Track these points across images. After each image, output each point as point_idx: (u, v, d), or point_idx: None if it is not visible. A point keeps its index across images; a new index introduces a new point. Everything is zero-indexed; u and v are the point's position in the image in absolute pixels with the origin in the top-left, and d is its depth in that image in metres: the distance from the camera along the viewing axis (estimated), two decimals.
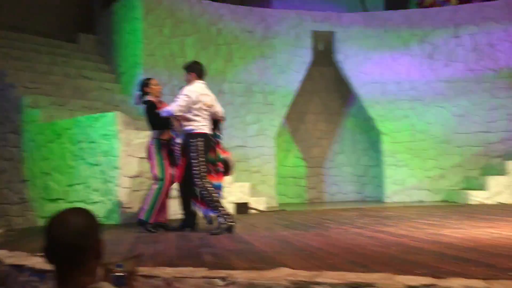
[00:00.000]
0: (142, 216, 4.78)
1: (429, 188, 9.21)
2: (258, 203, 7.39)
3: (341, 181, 10.27)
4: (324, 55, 9.72)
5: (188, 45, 8.54)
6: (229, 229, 4.35)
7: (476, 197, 8.00)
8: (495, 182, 8.01)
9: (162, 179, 4.78)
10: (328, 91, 10.43)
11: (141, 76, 7.97)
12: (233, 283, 2.36)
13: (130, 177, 5.98)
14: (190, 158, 4.53)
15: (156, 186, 4.80)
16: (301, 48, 9.25)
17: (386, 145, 9.42)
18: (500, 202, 7.86)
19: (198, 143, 4.51)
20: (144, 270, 2.56)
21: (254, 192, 8.05)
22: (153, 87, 5.07)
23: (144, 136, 6.08)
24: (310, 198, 10.17)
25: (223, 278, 2.39)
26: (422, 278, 2.23)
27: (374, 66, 9.46)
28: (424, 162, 9.24)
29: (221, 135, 4.92)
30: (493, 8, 9.25)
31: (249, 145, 8.75)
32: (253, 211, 7.14)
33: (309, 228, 4.82)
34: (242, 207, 6.92)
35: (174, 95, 7.33)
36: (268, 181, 8.88)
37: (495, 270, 2.43)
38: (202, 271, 2.49)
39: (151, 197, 4.78)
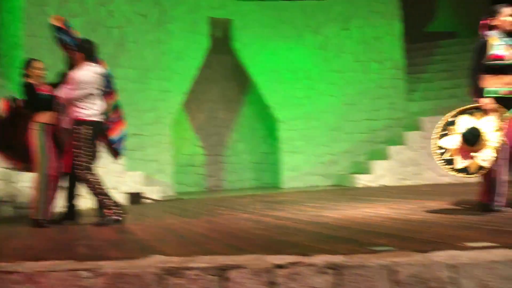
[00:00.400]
0: (38, 216, 4.29)
1: (322, 173, 9.67)
2: (152, 193, 7.22)
3: (240, 169, 10.40)
4: (221, 43, 9.71)
5: (75, 27, 8.00)
6: (117, 221, 4.18)
7: (362, 180, 8.56)
8: (378, 166, 8.63)
9: (43, 167, 4.33)
10: (226, 79, 10.45)
11: (22, 58, 7.35)
12: (101, 274, 2.26)
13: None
14: (74, 147, 4.26)
15: (37, 176, 4.34)
16: (198, 34, 9.14)
17: (283, 132, 9.71)
18: (383, 185, 8.48)
19: (84, 131, 4.24)
20: (2, 265, 2.36)
21: (149, 181, 7.86)
22: (34, 70, 4.65)
23: None
24: (209, 186, 10.18)
25: (89, 270, 2.27)
26: (289, 257, 2.30)
27: (271, 55, 9.66)
28: (317, 149, 9.68)
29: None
30: (380, 3, 9.88)
31: (144, 133, 8.50)
32: (147, 201, 6.97)
33: (199, 215, 4.81)
34: (135, 197, 6.71)
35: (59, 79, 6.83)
36: (165, 170, 8.72)
37: (358, 245, 2.58)
38: (67, 264, 2.35)
39: (38, 192, 4.31)
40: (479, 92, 3.82)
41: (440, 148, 3.81)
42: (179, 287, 2.22)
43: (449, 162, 3.75)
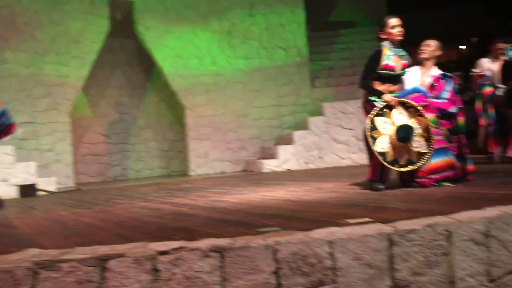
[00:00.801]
0: None
1: (230, 159, 9.72)
2: (48, 184, 6.79)
3: (147, 157, 10.14)
4: (123, 26, 9.32)
5: None
6: None
7: (269, 165, 8.74)
8: (284, 151, 8.86)
9: None
10: (130, 64, 10.07)
11: None
12: None
13: None
14: None
15: None
16: (97, 16, 8.66)
17: (190, 119, 9.59)
18: (288, 169, 8.73)
19: None
20: None
21: (44, 172, 7.38)
22: None
23: None
24: (114, 176, 9.80)
25: None
26: (173, 242, 2.26)
27: (176, 40, 9.46)
28: (225, 135, 9.70)
29: None
30: None
31: (38, 121, 7.94)
32: (42, 193, 6.54)
33: (94, 205, 4.59)
34: (28, 190, 6.27)
35: None
36: (63, 160, 8.23)
37: (247, 228, 2.61)
38: None
39: None
40: (378, 93, 4.03)
41: (373, 125, 3.92)
42: (54, 280, 2.09)
43: (374, 141, 3.91)
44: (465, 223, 2.35)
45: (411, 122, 3.93)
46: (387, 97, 3.98)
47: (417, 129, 3.93)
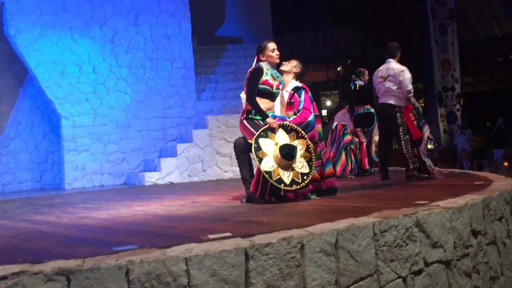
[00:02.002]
0: None
1: (110, 172, 9.30)
2: None
3: (17, 169, 9.30)
4: None
5: None
6: None
7: (151, 178, 8.53)
8: (166, 164, 8.71)
9: None
10: (0, 68, 9.21)
11: None
12: None
13: None
14: None
15: None
16: None
17: (67, 129, 9.02)
18: (170, 182, 8.59)
19: None
20: None
21: None
22: None
23: None
24: None
25: None
26: (14, 266, 2.05)
27: (52, 45, 8.87)
28: (105, 147, 9.27)
29: None
30: (169, 2, 9.97)
31: None
32: None
33: None
34: None
35: None
36: None
37: (104, 247, 2.49)
38: None
39: None
40: (263, 114, 4.14)
41: (257, 145, 3.96)
42: None
43: (260, 160, 3.93)
44: (317, 235, 2.49)
45: (293, 143, 4.07)
46: (270, 120, 4.10)
47: (300, 150, 4.07)
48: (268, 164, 3.95)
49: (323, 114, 18.05)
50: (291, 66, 4.46)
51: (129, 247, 2.39)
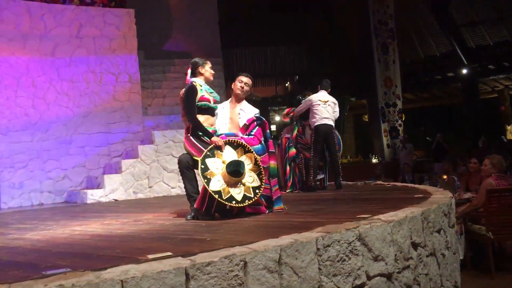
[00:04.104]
0: None
1: (50, 189, 8.89)
2: None
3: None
4: None
5: None
6: None
7: (93, 196, 8.21)
8: (111, 180, 8.42)
9: None
10: None
11: None
12: None
13: None
14: None
15: None
16: None
17: (3, 145, 8.55)
18: (114, 199, 8.31)
19: None
20: None
21: None
22: None
23: None
24: None
25: None
26: None
27: None
28: (45, 163, 8.86)
29: None
30: (114, 15, 9.76)
31: None
32: None
33: None
34: None
35: None
36: None
37: (35, 270, 2.33)
38: None
39: None
40: (207, 133, 4.08)
41: (204, 166, 3.87)
42: None
43: (208, 181, 3.83)
44: (260, 252, 2.44)
45: (241, 159, 4.02)
46: (215, 139, 4.04)
47: (248, 165, 4.02)
48: (217, 184, 3.87)
49: (272, 129, 18.26)
50: (246, 90, 4.43)
51: (60, 271, 2.25)
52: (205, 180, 3.86)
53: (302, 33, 15.11)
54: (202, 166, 3.92)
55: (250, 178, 3.99)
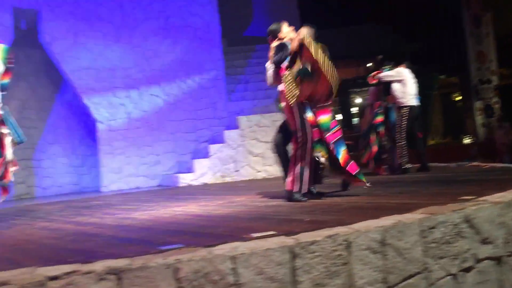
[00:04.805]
0: None
1: (145, 174, 9.44)
2: None
3: (56, 173, 9.55)
4: (28, 35, 8.78)
5: None
6: None
7: (185, 179, 8.61)
8: (200, 165, 8.77)
9: None
10: (37, 76, 9.48)
11: None
12: None
13: None
14: None
15: None
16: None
17: (102, 133, 9.21)
18: (204, 183, 8.66)
19: None
20: None
21: None
22: None
23: None
24: (18, 194, 9.09)
25: None
26: (66, 266, 2.11)
27: (86, 51, 9.08)
28: (140, 149, 9.42)
29: None
30: (198, 5, 10.05)
31: None
32: None
33: None
34: None
35: None
36: None
37: (150, 246, 2.52)
38: None
39: None
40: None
41: None
42: None
43: None
44: (363, 233, 2.45)
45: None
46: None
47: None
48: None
49: (353, 112, 17.88)
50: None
51: (175, 246, 2.41)
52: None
53: (386, 10, 14.52)
54: None
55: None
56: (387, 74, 6.69)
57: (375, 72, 6.99)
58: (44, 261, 2.37)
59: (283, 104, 4.19)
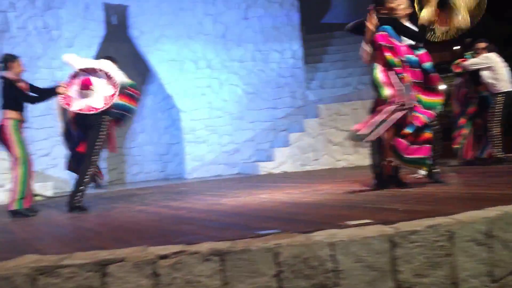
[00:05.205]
0: (14, 207, 4.32)
1: (226, 162, 9.71)
2: (44, 189, 6.75)
3: (143, 161, 10.11)
4: (118, 30, 9.30)
5: None
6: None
7: (265, 167, 8.73)
8: (280, 153, 8.85)
9: (24, 160, 4.46)
10: (125, 68, 9.98)
11: None
12: None
13: None
14: None
15: (19, 169, 4.42)
16: (91, 20, 8.65)
17: (186, 122, 9.57)
18: (284, 171, 8.72)
19: None
20: None
21: (41, 177, 7.33)
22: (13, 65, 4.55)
23: None
24: (110, 180, 9.76)
25: None
26: (173, 246, 2.24)
27: (171, 43, 9.45)
28: (220, 138, 9.69)
29: None
30: None
31: (34, 126, 7.89)
32: (38, 197, 6.49)
33: (91, 210, 4.56)
34: None
35: None
36: (59, 165, 8.16)
37: (247, 230, 2.60)
38: None
39: (18, 182, 4.40)
40: None
41: None
42: (54, 286, 2.07)
43: None
44: (467, 224, 2.35)
45: None
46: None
47: None
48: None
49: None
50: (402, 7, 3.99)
51: (272, 231, 2.47)
52: None
53: None
54: None
55: None
56: (472, 62, 6.23)
57: (460, 59, 6.55)
58: (150, 241, 2.53)
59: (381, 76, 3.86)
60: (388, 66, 3.82)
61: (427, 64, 3.94)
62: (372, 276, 2.20)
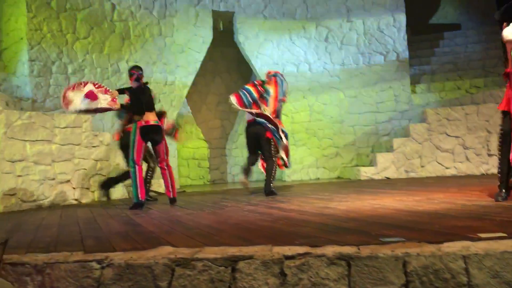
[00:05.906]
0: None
1: (325, 166, 9.64)
2: (157, 186, 7.22)
3: (243, 161, 10.36)
4: (225, 35, 9.67)
5: (79, 20, 8.00)
6: None
7: (366, 172, 8.53)
8: (382, 159, 8.59)
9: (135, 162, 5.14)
10: (229, 72, 10.42)
11: (25, 52, 7.35)
12: (110, 265, 2.25)
13: (13, 162, 5.53)
14: None
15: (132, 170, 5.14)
16: (201, 27, 9.10)
17: (285, 125, 9.64)
18: (386, 177, 8.45)
19: None
20: (11, 257, 2.35)
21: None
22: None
23: (27, 117, 5.65)
24: (213, 179, 10.17)
25: (99, 261, 2.26)
26: (299, 247, 2.28)
27: (274, 48, 9.62)
28: (320, 141, 9.65)
29: None
30: None
31: None
32: (152, 194, 6.95)
33: (204, 207, 4.79)
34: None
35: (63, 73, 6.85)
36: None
37: (368, 237, 2.56)
38: (76, 255, 2.34)
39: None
40: None
41: None
42: (189, 278, 2.21)
43: None
44: None
45: None
46: None
47: None
48: None
49: None
50: None
51: (397, 239, 2.41)
52: None
53: None
54: None
55: None
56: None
57: None
58: (271, 241, 2.60)
59: None
60: None
61: None
62: None
